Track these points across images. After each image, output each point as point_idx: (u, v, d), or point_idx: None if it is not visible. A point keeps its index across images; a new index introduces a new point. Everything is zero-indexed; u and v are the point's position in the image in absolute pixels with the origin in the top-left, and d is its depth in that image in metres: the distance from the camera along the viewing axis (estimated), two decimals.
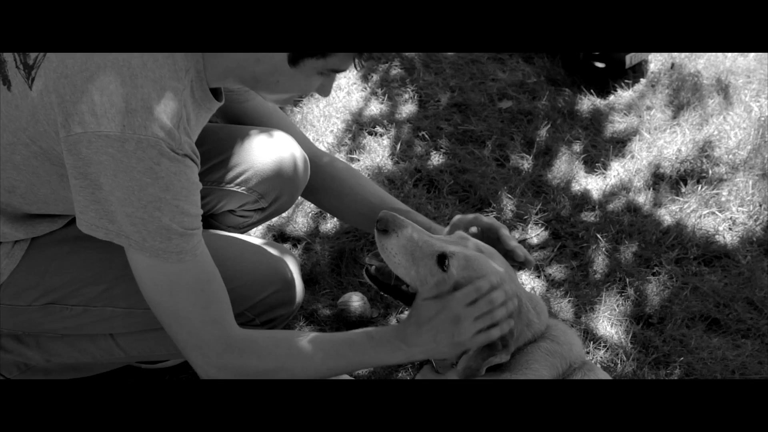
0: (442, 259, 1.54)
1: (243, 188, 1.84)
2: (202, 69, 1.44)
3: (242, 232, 1.96)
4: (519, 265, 1.69)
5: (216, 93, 1.54)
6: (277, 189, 1.86)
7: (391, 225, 1.56)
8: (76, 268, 1.58)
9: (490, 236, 1.67)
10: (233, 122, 1.88)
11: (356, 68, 1.53)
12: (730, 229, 2.64)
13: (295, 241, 2.44)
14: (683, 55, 3.35)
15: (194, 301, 1.42)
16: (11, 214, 1.53)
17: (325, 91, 1.56)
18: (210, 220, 1.91)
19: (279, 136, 1.86)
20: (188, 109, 1.41)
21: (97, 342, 1.70)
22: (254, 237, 1.77)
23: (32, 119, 1.37)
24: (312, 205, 2.52)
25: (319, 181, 1.91)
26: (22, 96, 1.37)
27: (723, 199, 2.72)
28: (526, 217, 2.59)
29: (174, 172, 1.33)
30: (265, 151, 1.83)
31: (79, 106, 1.30)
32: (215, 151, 1.81)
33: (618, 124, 3.04)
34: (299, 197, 1.96)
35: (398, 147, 2.78)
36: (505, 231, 1.66)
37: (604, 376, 1.71)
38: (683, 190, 2.75)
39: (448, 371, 1.69)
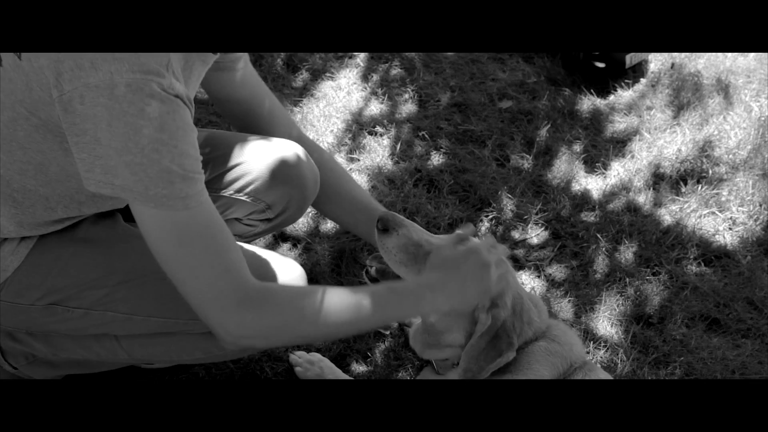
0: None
1: (251, 198, 1.82)
2: None
3: (248, 241, 1.95)
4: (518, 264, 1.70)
5: None
6: (285, 201, 1.85)
7: (391, 224, 1.58)
8: (79, 270, 1.58)
9: None
10: (218, 93, 1.83)
11: None
12: (730, 229, 2.64)
13: (295, 241, 2.44)
14: (683, 55, 3.35)
15: (205, 249, 1.36)
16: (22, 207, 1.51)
17: None
18: None
19: (291, 147, 1.84)
20: (177, 57, 1.39)
21: (101, 342, 1.70)
22: (261, 248, 1.76)
23: (26, 88, 1.35)
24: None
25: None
26: (14, 68, 1.36)
27: (723, 199, 2.72)
28: (526, 217, 2.59)
29: (167, 112, 1.31)
30: (276, 163, 1.81)
31: (67, 62, 1.29)
32: (224, 159, 1.80)
33: (618, 124, 3.04)
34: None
35: (398, 147, 2.78)
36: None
37: (606, 376, 1.71)
38: (683, 190, 2.75)
39: (448, 371, 1.69)
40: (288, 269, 1.70)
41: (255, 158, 1.82)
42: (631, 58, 3.20)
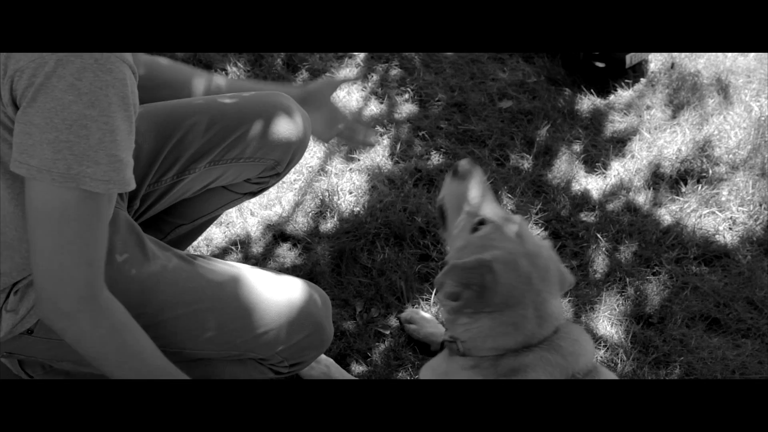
0: (480, 222, 1.65)
1: (259, 160, 1.87)
2: None
3: (257, 195, 2.03)
4: None
5: None
6: (289, 152, 1.90)
7: (464, 174, 1.73)
8: None
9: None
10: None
11: None
12: (730, 228, 2.64)
13: (295, 240, 2.44)
14: (683, 55, 3.35)
15: (80, 234, 1.32)
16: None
17: None
18: (225, 190, 1.95)
19: (281, 100, 1.89)
20: None
21: None
22: (286, 276, 1.79)
23: None
24: (312, 204, 2.53)
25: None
26: None
27: (723, 198, 2.72)
28: (526, 217, 2.59)
29: (99, 87, 1.26)
30: (273, 121, 1.86)
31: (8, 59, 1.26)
32: (229, 130, 1.83)
33: (618, 123, 3.04)
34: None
35: (398, 147, 2.78)
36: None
37: (611, 377, 1.69)
38: (683, 189, 2.75)
39: (453, 356, 1.63)
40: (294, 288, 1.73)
41: (254, 122, 1.85)
42: (631, 58, 3.20)
